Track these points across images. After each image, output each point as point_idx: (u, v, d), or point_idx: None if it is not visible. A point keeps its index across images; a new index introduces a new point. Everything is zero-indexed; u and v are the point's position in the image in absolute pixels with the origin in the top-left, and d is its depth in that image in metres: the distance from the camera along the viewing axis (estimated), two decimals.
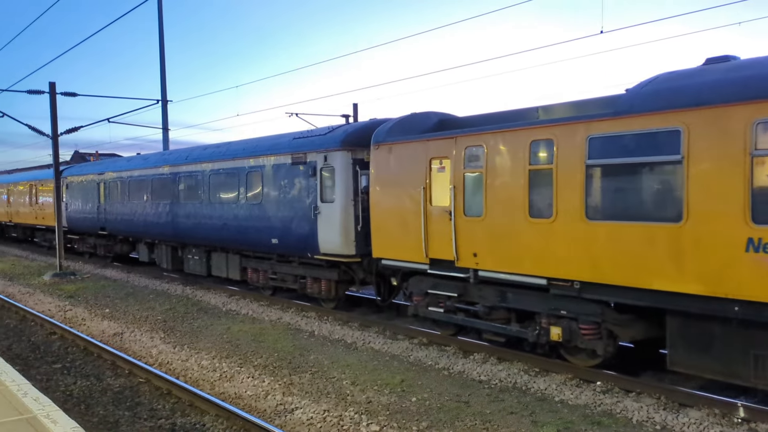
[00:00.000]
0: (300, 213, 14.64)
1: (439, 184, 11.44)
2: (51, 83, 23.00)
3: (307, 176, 14.49)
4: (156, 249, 21.96)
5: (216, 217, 17.70)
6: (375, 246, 12.84)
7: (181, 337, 13.16)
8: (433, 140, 11.56)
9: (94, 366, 11.45)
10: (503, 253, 10.23)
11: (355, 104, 29.37)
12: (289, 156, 15.07)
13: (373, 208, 12.81)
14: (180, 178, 19.67)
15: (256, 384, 9.86)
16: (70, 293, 19.37)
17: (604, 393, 8.97)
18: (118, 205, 23.67)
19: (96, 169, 26.46)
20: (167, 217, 20.27)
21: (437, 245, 11.39)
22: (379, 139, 12.65)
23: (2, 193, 38.34)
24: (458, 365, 10.54)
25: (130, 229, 23.16)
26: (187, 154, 19.90)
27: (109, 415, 8.89)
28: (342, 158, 13.70)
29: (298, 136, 15.39)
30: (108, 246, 25.81)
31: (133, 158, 24.76)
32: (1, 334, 14.27)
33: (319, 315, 14.76)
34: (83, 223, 26.98)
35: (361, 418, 8.23)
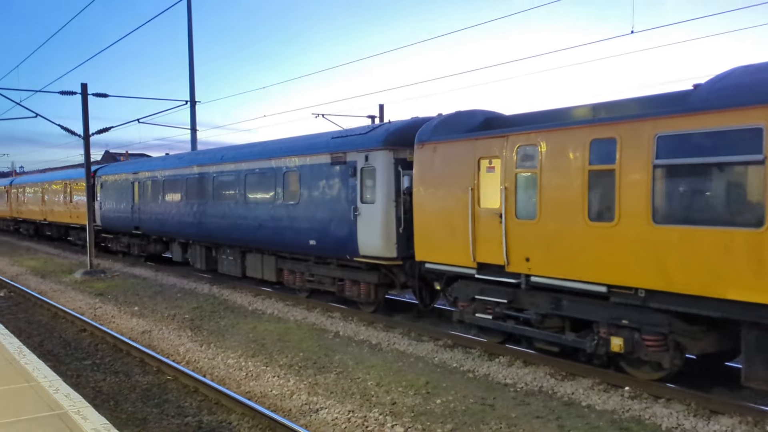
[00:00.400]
0: (339, 214, 14.29)
1: (489, 185, 10.98)
2: (83, 84, 23.42)
3: (346, 176, 14.12)
4: (190, 249, 21.91)
5: (251, 217, 17.43)
6: (418, 249, 12.40)
7: (207, 336, 13.30)
8: (482, 139, 11.06)
9: (123, 363, 11.62)
10: (559, 258, 9.71)
11: (381, 105, 29.44)
12: (328, 156, 14.70)
13: (417, 209, 12.39)
14: (215, 177, 19.46)
15: (281, 383, 9.92)
16: (100, 291, 19.70)
17: (632, 398, 8.84)
18: (152, 205, 23.58)
19: (130, 168, 26.41)
20: (201, 217, 20.09)
21: (486, 249, 10.92)
22: (423, 138, 12.25)
23: (37, 192, 38.52)
24: (483, 368, 10.48)
25: (164, 229, 23.05)
26: (222, 153, 19.69)
27: (138, 411, 9.02)
28: (384, 158, 13.30)
29: (336, 135, 15.05)
30: (142, 245, 25.76)
31: (168, 158, 24.64)
32: (33, 331, 14.56)
33: (344, 315, 14.80)
34: (117, 222, 27.00)
35: (386, 419, 8.23)
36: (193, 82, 32.03)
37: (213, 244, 20.22)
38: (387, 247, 13.23)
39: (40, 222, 38.69)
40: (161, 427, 8.41)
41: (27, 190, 40.92)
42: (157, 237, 24.40)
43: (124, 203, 26.17)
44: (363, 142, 13.85)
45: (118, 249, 28.05)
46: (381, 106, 29.34)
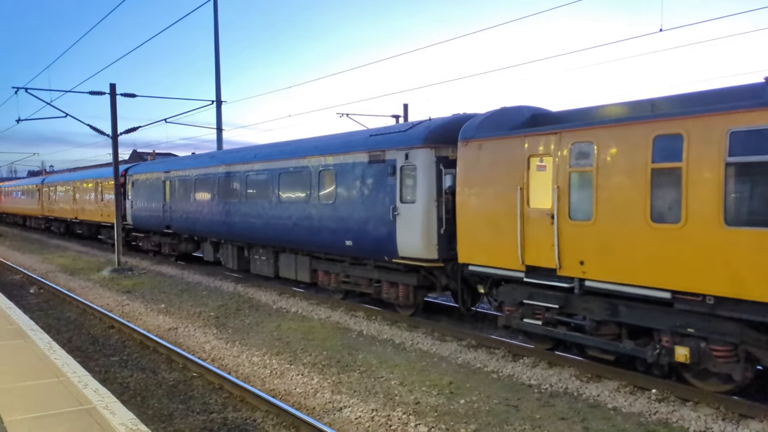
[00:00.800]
0: (377, 214, 13.84)
1: (539, 184, 10.42)
2: (111, 85, 23.78)
3: (385, 175, 13.66)
4: (221, 248, 21.60)
5: (285, 217, 17.09)
6: (461, 250, 11.85)
7: (233, 334, 13.42)
8: (532, 135, 10.51)
9: (149, 360, 11.78)
10: (617, 261, 9.15)
11: (406, 104, 29.40)
12: (366, 154, 14.28)
13: (460, 209, 11.86)
14: (248, 176, 19.10)
15: (305, 381, 9.97)
16: (127, 288, 19.99)
17: (659, 401, 8.72)
18: (184, 204, 23.36)
19: (161, 167, 26.15)
20: (234, 216, 19.78)
21: (535, 251, 10.39)
22: (467, 135, 11.71)
23: (68, 190, 38.69)
24: (507, 368, 10.42)
25: (195, 228, 22.79)
26: (255, 152, 19.36)
27: (164, 407, 9.14)
28: (425, 156, 12.81)
29: (375, 132, 14.65)
30: (173, 244, 25.54)
31: (199, 156, 24.29)
32: (63, 327, 14.83)
33: (368, 315, 14.82)
34: (148, 221, 26.82)
35: (409, 419, 8.23)
36: (219, 82, 32.31)
37: (245, 244, 19.93)
38: (428, 249, 12.76)
39: (71, 220, 38.82)
40: (187, 423, 8.50)
41: (58, 188, 41.10)
42: (188, 236, 24.19)
43: (155, 202, 25.95)
44: (403, 139, 13.43)
45: (149, 248, 27.97)
46: (405, 106, 29.32)
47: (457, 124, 12.45)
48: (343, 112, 27.51)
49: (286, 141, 18.72)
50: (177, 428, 8.31)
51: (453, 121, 12.97)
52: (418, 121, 13.71)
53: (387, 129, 14.43)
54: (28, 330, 10.58)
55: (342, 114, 27.41)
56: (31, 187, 49.65)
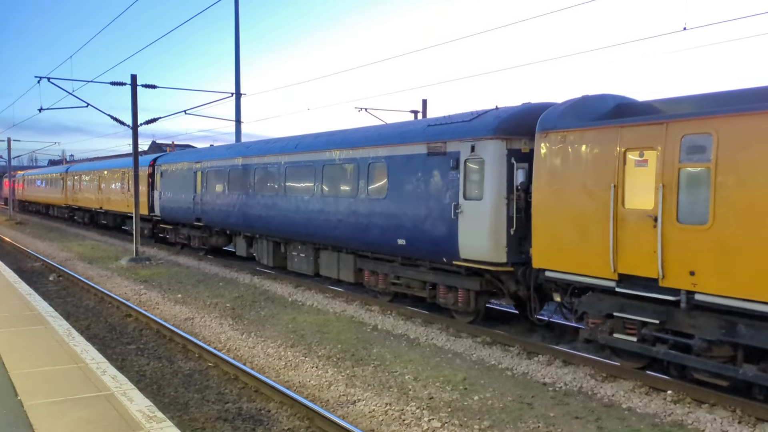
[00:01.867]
0: (436, 211, 12.77)
1: (638, 182, 9.24)
2: (132, 76, 23.98)
3: (446, 169, 12.56)
4: (256, 243, 20.68)
5: (329, 212, 16.06)
6: (536, 254, 10.73)
7: (248, 325, 13.51)
8: (631, 127, 9.32)
9: (166, 349, 11.90)
10: (740, 273, 7.91)
11: (425, 100, 29.34)
12: (424, 145, 13.18)
13: (537, 208, 10.71)
14: (287, 168, 18.07)
15: (319, 374, 10.02)
16: (144, 278, 20.19)
17: (675, 403, 8.66)
18: (217, 196, 22.34)
19: (193, 157, 25.18)
20: (271, 210, 18.81)
21: (631, 258, 9.20)
22: (548, 125, 10.56)
23: (93, 180, 37.90)
24: (522, 366, 10.40)
25: (228, 221, 21.77)
26: (296, 142, 18.27)
27: (180, 396, 9.23)
28: (495, 148, 11.68)
29: (434, 122, 13.51)
30: (203, 238, 24.58)
31: (234, 146, 23.07)
32: (81, 314, 15.02)
33: (383, 309, 14.85)
34: (177, 213, 25.91)
35: (423, 414, 8.25)
36: (239, 74, 32.46)
37: (282, 240, 19.00)
38: (495, 251, 11.61)
39: (95, 210, 38.17)
40: (202, 412, 8.59)
41: (83, 177, 40.46)
42: (220, 229, 23.20)
43: (185, 193, 25.05)
44: (468, 130, 12.26)
45: (177, 241, 27.09)
46: (424, 102, 29.27)
47: (532, 114, 11.50)
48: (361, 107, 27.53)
49: (330, 131, 17.59)
50: (192, 417, 8.40)
51: (526, 110, 11.89)
52: (484, 111, 12.56)
53: (447, 119, 13.25)
54: (48, 316, 10.73)
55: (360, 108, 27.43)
56: (54, 175, 48.84)
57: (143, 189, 28.59)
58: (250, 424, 8.17)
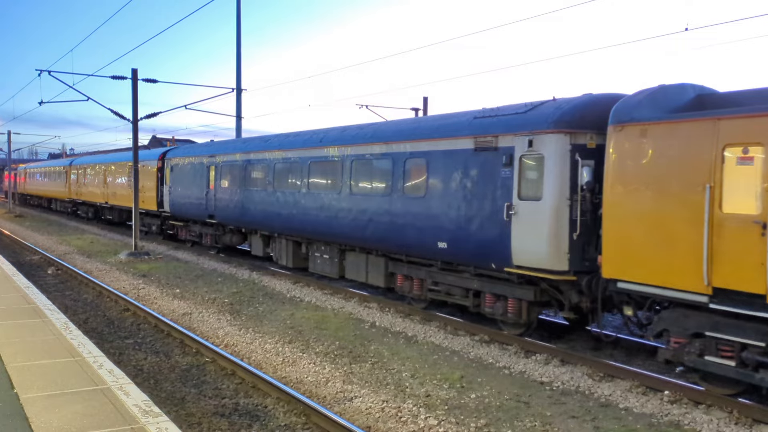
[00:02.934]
0: (484, 212, 11.66)
1: (740, 182, 8.15)
2: (133, 70, 23.96)
3: (497, 165, 11.47)
4: (274, 243, 19.54)
5: (358, 211, 14.96)
6: (608, 262, 9.56)
7: (246, 321, 13.51)
8: (731, 119, 8.19)
9: (163, 343, 11.90)
10: None
11: (426, 98, 29.32)
12: (471, 140, 12.06)
13: (610, 210, 9.53)
14: (311, 163, 16.91)
15: (317, 370, 10.02)
16: (143, 272, 20.19)
17: (671, 403, 8.66)
18: (232, 192, 21.20)
19: (206, 150, 24.00)
20: (292, 208, 17.63)
21: (731, 270, 8.06)
22: (623, 117, 9.46)
23: (99, 173, 36.83)
24: (519, 365, 10.40)
25: (243, 219, 20.62)
26: (321, 136, 17.07)
27: (177, 391, 9.23)
28: (557, 143, 10.55)
29: (481, 114, 12.30)
30: (216, 236, 23.44)
31: (251, 140, 21.84)
32: (79, 308, 15.02)
33: (381, 306, 14.84)
34: (188, 209, 24.73)
35: (420, 411, 8.25)
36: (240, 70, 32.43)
37: (304, 240, 17.83)
38: (556, 258, 10.50)
39: (100, 205, 37.16)
40: (199, 407, 8.59)
41: (88, 171, 39.30)
42: (234, 227, 21.98)
43: (197, 189, 23.84)
44: (524, 122, 11.17)
45: (188, 238, 25.95)
46: (425, 99, 29.24)
47: (598, 105, 10.58)
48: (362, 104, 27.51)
49: (358, 124, 16.50)
50: (189, 412, 8.39)
51: (591, 101, 10.84)
52: (539, 102, 11.46)
53: (497, 110, 12.11)
54: (46, 309, 10.72)
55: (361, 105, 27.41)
56: (57, 168, 47.73)
57: (152, 184, 27.98)
58: (247, 420, 8.16)
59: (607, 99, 10.66)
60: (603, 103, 10.53)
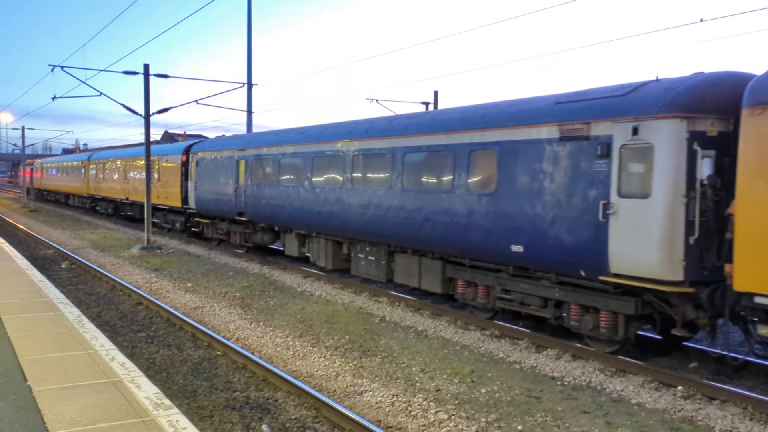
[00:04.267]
0: (572, 211, 10.15)
1: None
2: (145, 65, 24.02)
3: (588, 157, 9.95)
4: (311, 243, 18.24)
5: (411, 209, 13.56)
6: (742, 272, 8.11)
7: (257, 314, 13.55)
8: None
9: (175, 337, 11.95)
10: None
11: (436, 91, 29.23)
12: (554, 128, 10.54)
13: (744, 210, 8.13)
14: (355, 157, 15.56)
15: (327, 364, 10.03)
16: (155, 266, 20.30)
17: (685, 398, 8.59)
18: (264, 187, 19.93)
19: (235, 143, 22.57)
20: (333, 205, 16.30)
21: None
22: (764, 97, 7.97)
23: (119, 168, 35.65)
24: (530, 360, 10.36)
25: (278, 217, 19.30)
26: (366, 127, 15.62)
27: (188, 384, 9.27)
28: (670, 130, 9.00)
29: (565, 99, 10.74)
30: (245, 234, 22.17)
31: (286, 132, 20.18)
32: (92, 302, 15.12)
33: (391, 301, 14.83)
34: (215, 205, 23.41)
35: (430, 405, 8.23)
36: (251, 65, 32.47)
37: (346, 239, 16.55)
38: (668, 266, 8.97)
39: (120, 201, 36.01)
40: (210, 400, 8.62)
41: (107, 166, 37.95)
42: (266, 225, 20.65)
43: (225, 184, 22.58)
44: (625, 106, 9.65)
45: (215, 236, 24.75)
46: (436, 93, 29.14)
47: (723, 84, 9.16)
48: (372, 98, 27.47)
49: (409, 114, 15.09)
50: (200, 404, 8.43)
51: (713, 80, 9.27)
52: (639, 83, 9.89)
53: (584, 94, 10.54)
54: (59, 303, 10.79)
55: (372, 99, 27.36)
56: (75, 163, 46.46)
57: (176, 180, 27.06)
58: (258, 413, 8.19)
59: (731, 78, 9.23)
60: (727, 82, 9.14)
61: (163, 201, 28.71)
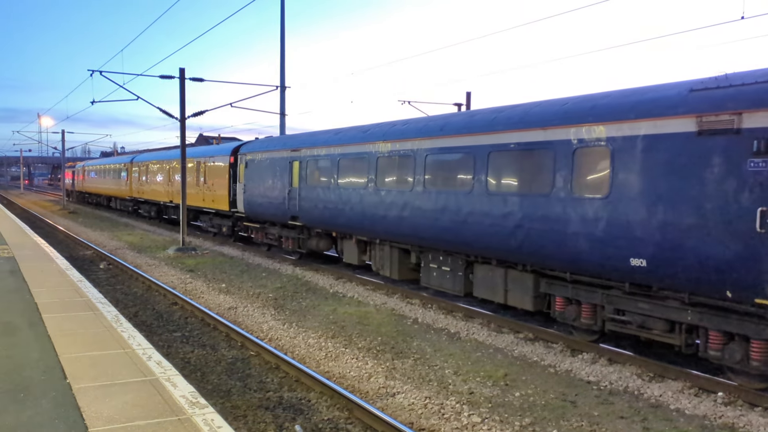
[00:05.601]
0: (717, 221, 8.59)
1: None
2: (181, 69, 24.39)
3: (739, 155, 8.39)
4: (373, 250, 16.95)
5: (500, 215, 12.05)
6: None
7: (290, 315, 13.63)
8: None
9: (210, 337, 12.09)
10: None
11: (469, 92, 29.07)
12: (689, 120, 8.98)
13: None
14: (429, 156, 14.13)
15: (359, 366, 10.03)
16: (190, 267, 20.58)
17: (725, 405, 8.38)
18: (321, 191, 18.60)
19: (288, 143, 21.32)
20: (401, 210, 14.89)
21: None
22: None
23: (163, 171, 34.94)
24: (565, 363, 10.21)
25: (336, 222, 17.92)
26: (441, 123, 14.07)
27: (222, 383, 9.36)
28: None
29: (702, 86, 9.09)
30: (299, 240, 20.84)
31: (346, 130, 18.67)
32: (129, 302, 15.39)
33: (423, 303, 14.78)
34: (266, 209, 22.23)
35: (463, 408, 8.17)
36: (284, 67, 32.72)
37: (415, 247, 15.24)
38: None
39: (164, 204, 35.29)
40: (244, 399, 8.69)
41: (150, 168, 37.33)
42: (322, 230, 19.43)
43: (277, 187, 21.38)
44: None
45: (265, 241, 23.52)
46: (468, 94, 29.01)
47: None
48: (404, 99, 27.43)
49: (494, 107, 13.41)
50: (234, 404, 8.50)
51: None
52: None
53: (729, 79, 8.88)
54: (97, 303, 11.00)
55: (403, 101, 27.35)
56: (118, 166, 45.82)
57: (223, 182, 26.28)
58: (291, 413, 8.23)
59: None
60: None
61: (210, 204, 27.92)
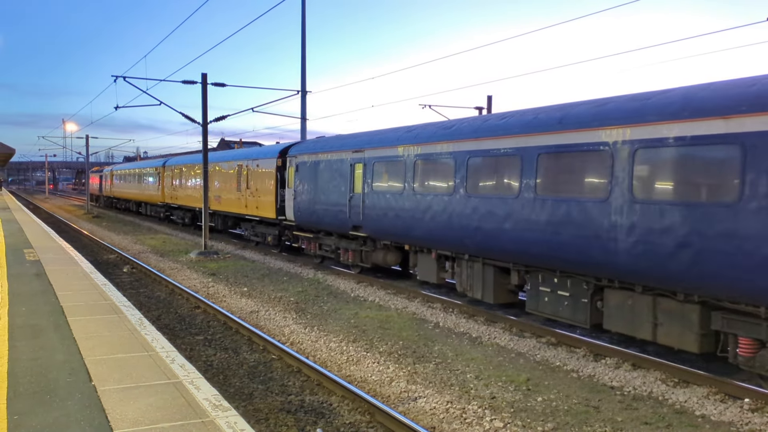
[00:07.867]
0: None
1: None
2: (203, 74, 24.64)
3: None
4: (459, 267, 14.56)
5: (650, 229, 9.56)
6: None
7: (311, 319, 13.67)
8: None
9: (232, 340, 12.17)
10: None
11: (490, 96, 29.00)
12: None
13: None
14: (542, 156, 11.68)
15: (381, 370, 10.03)
16: (212, 271, 20.74)
17: (753, 411, 8.23)
18: (390, 197, 16.37)
19: (349, 143, 18.84)
20: (502, 221, 12.55)
21: None
22: None
23: (198, 176, 32.59)
24: (588, 368, 10.11)
25: (411, 233, 15.63)
26: (559, 116, 11.54)
27: (245, 387, 9.42)
28: None
29: None
30: (362, 252, 18.48)
31: (424, 126, 16.07)
32: (153, 305, 15.56)
33: (445, 307, 14.73)
34: (321, 217, 19.90)
35: (485, 413, 8.13)
36: (305, 72, 32.90)
37: (520, 265, 12.71)
38: None
39: (199, 210, 32.28)
40: (266, 403, 8.73)
41: (184, 172, 35.25)
42: (391, 243, 17.19)
43: (334, 193, 19.05)
44: None
45: (318, 253, 21.17)
46: (489, 98, 28.95)
47: None
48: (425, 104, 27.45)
49: (631, 95, 10.67)
50: (257, 407, 8.55)
51: None
52: None
53: None
54: (122, 306, 11.13)
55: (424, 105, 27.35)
56: (149, 170, 43.70)
57: (270, 187, 24.10)
58: (313, 417, 8.25)
59: None
60: None
61: (253, 211, 25.67)
